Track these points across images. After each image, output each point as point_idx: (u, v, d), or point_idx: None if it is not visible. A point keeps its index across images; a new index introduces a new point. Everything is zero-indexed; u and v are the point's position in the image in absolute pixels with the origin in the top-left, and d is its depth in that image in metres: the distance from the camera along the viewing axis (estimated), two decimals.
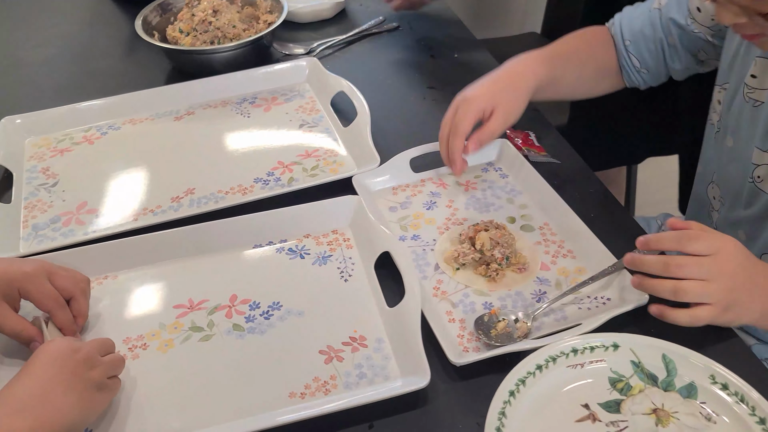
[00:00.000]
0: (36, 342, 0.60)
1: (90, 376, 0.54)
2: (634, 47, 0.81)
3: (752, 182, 0.70)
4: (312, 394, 0.59)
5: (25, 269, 0.62)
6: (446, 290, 0.68)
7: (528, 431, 0.55)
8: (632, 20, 0.82)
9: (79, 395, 0.53)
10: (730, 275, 0.58)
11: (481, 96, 0.75)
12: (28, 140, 0.90)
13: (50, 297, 0.61)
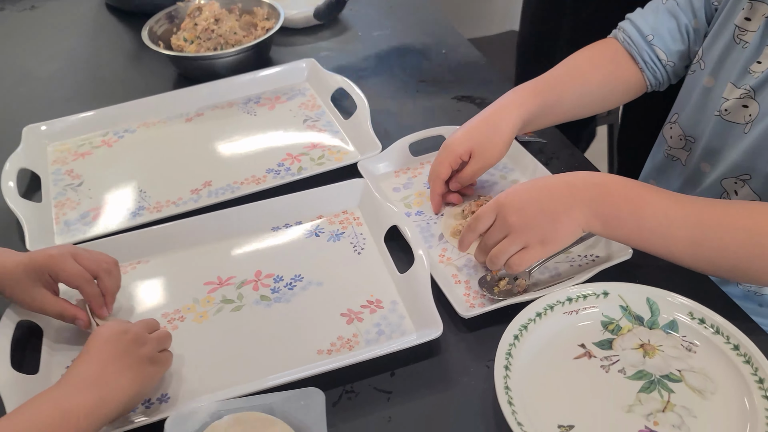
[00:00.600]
0: (80, 319, 0.66)
1: (141, 352, 0.60)
2: (658, 40, 0.83)
3: (718, 115, 0.77)
4: (337, 350, 0.66)
5: (51, 253, 0.67)
6: (451, 257, 0.76)
7: (532, 368, 0.62)
8: (646, 18, 0.84)
9: (134, 371, 0.59)
10: (519, 219, 0.66)
11: (459, 142, 0.80)
12: (50, 146, 0.97)
13: (77, 274, 0.66)
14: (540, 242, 0.67)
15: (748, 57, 0.74)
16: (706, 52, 0.80)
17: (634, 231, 0.65)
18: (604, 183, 0.67)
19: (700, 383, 0.61)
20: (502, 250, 0.68)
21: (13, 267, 0.65)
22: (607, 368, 0.63)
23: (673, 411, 0.59)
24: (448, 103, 1.03)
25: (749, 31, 0.74)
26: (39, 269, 0.65)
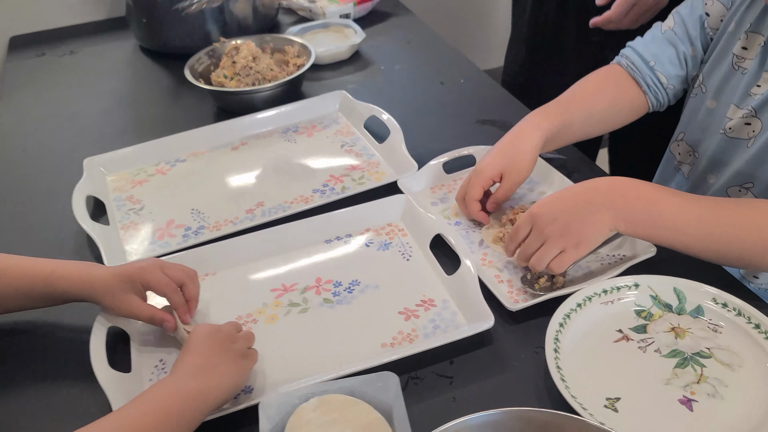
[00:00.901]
0: (167, 322, 0.73)
1: (234, 348, 0.67)
2: (659, 65, 0.92)
3: (723, 133, 0.86)
4: (399, 343, 0.73)
5: (142, 265, 0.74)
6: (492, 260, 0.84)
7: (577, 351, 0.70)
8: (647, 45, 0.93)
9: (231, 363, 0.66)
10: (554, 228, 0.74)
11: (490, 166, 0.88)
12: (108, 176, 1.04)
13: (165, 284, 0.74)
14: (575, 245, 0.75)
15: (749, 81, 0.83)
16: (706, 77, 0.90)
17: (652, 228, 0.73)
18: (624, 186, 0.75)
19: (728, 358, 0.68)
20: (542, 256, 0.75)
21: (107, 277, 0.72)
22: (644, 349, 0.70)
23: (707, 382, 0.66)
24: (472, 127, 1.12)
25: (747, 58, 0.84)
26: (131, 279, 0.72)
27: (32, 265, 0.74)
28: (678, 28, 0.93)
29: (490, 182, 0.87)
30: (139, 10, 1.39)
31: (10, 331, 0.80)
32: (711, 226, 0.71)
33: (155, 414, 0.58)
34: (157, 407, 0.59)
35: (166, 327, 0.73)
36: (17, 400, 0.72)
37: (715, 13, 0.89)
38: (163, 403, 0.59)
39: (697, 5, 0.92)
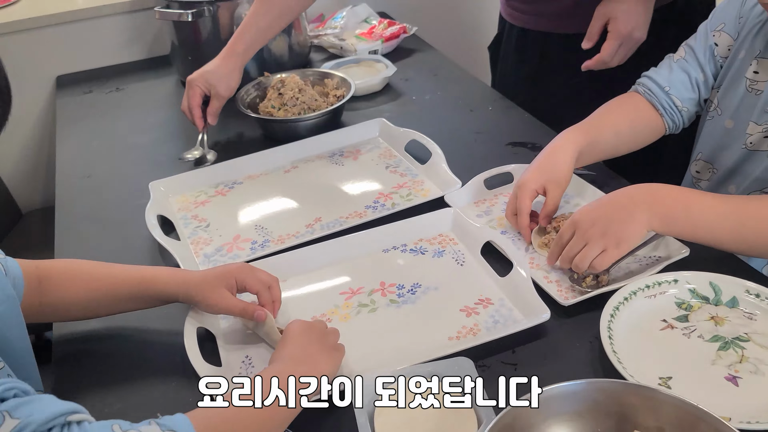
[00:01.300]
0: (260, 312, 0.79)
1: (328, 340, 0.75)
2: (674, 90, 1.02)
3: (744, 148, 0.95)
4: (464, 336, 0.81)
5: (236, 265, 0.83)
6: (539, 264, 0.92)
7: (628, 338, 0.77)
8: (661, 73, 1.03)
9: (327, 353, 0.73)
10: (596, 230, 0.82)
11: (530, 180, 0.96)
12: (172, 198, 1.12)
13: (258, 281, 0.81)
14: (616, 245, 0.83)
15: (765, 101, 0.92)
16: (721, 101, 1.00)
17: (687, 226, 0.82)
18: (658, 191, 0.84)
19: (765, 341, 0.76)
20: (585, 256, 0.84)
21: (202, 275, 0.81)
22: (688, 335, 0.78)
23: (748, 362, 0.74)
24: (504, 149, 1.21)
25: (760, 81, 0.94)
26: (227, 276, 0.80)
27: (128, 270, 0.81)
28: (689, 57, 1.03)
29: (535, 194, 0.95)
30: (184, 49, 1.49)
31: (100, 336, 0.87)
32: (741, 219, 0.80)
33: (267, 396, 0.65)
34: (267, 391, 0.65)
35: (258, 317, 0.79)
36: (118, 396, 0.78)
37: (723, 43, 1.00)
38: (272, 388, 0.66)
39: (706, 37, 1.02)
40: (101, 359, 0.84)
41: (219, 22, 1.42)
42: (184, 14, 1.38)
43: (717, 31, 1.00)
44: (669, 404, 0.61)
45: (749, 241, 0.81)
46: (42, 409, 0.51)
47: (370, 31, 1.64)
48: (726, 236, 0.81)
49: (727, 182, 1.00)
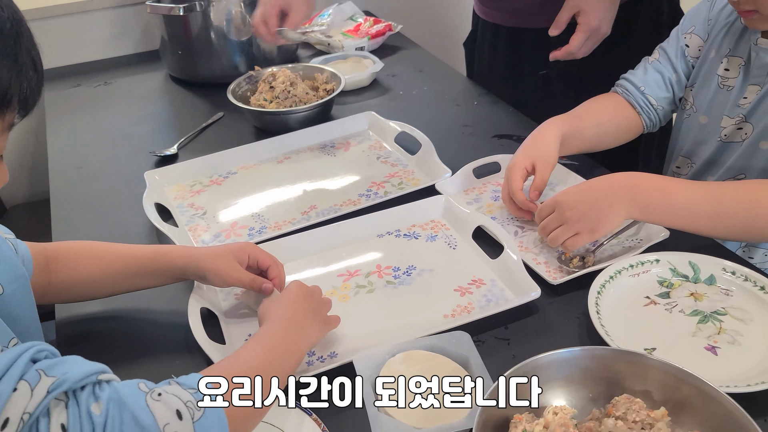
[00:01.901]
0: (267, 284, 0.82)
1: (322, 312, 0.78)
2: (649, 89, 1.07)
3: (719, 140, 1.01)
4: (459, 314, 0.84)
5: (247, 243, 0.86)
6: (528, 247, 0.96)
7: (614, 313, 0.81)
8: (637, 75, 1.09)
9: (318, 324, 0.76)
10: (573, 214, 0.87)
11: (519, 159, 1.00)
12: (167, 187, 1.14)
13: (269, 256, 0.85)
14: (589, 231, 0.88)
15: (736, 95, 0.98)
16: (695, 98, 1.05)
17: (666, 214, 0.87)
18: (639, 180, 0.88)
19: (741, 315, 0.81)
20: (558, 236, 0.89)
21: (218, 248, 0.84)
22: (669, 310, 0.82)
23: (726, 333, 0.78)
24: (490, 141, 1.25)
25: (730, 77, 0.99)
26: (242, 250, 0.83)
27: (137, 246, 0.84)
28: (662, 59, 1.09)
29: (525, 172, 0.99)
30: (174, 44, 1.51)
31: (103, 317, 0.88)
32: (718, 203, 0.84)
33: (269, 355, 0.68)
34: (269, 350, 0.68)
35: (265, 290, 0.82)
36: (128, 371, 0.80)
37: (693, 44, 1.06)
38: (274, 347, 0.69)
39: (677, 39, 1.08)
40: (104, 340, 0.86)
41: (209, 17, 1.44)
42: (175, 8, 1.40)
43: (688, 34, 1.06)
44: (655, 369, 0.66)
45: (727, 223, 0.85)
46: (75, 369, 0.53)
47: (357, 29, 1.67)
48: (704, 222, 0.85)
49: (705, 173, 1.05)
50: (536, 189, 0.99)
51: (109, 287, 0.82)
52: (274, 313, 0.74)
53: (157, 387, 0.57)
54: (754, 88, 0.95)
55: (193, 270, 0.82)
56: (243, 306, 0.87)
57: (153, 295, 0.87)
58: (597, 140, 1.09)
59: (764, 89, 0.93)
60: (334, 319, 0.80)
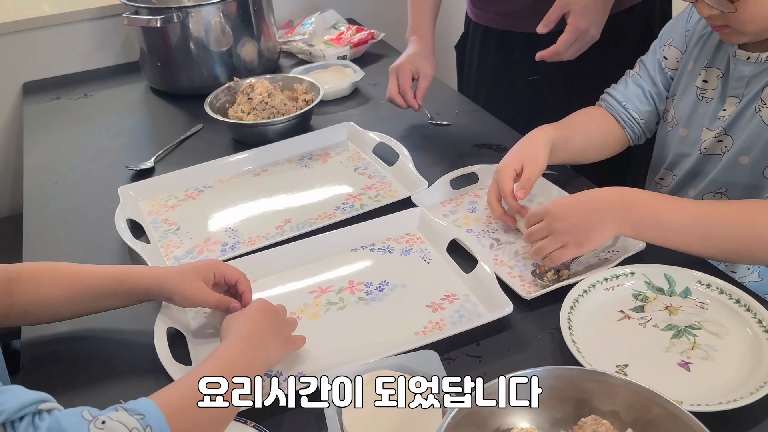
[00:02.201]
0: (235, 305, 0.81)
1: (285, 331, 0.77)
2: (630, 104, 1.07)
3: (700, 153, 0.99)
4: (430, 330, 0.83)
5: (212, 260, 0.86)
6: (503, 260, 0.94)
7: (587, 329, 0.80)
8: (618, 89, 1.08)
9: (280, 344, 0.75)
10: (562, 225, 0.86)
11: (509, 161, 0.99)
12: (141, 202, 1.13)
13: (236, 271, 0.83)
14: (576, 244, 0.86)
15: (715, 107, 0.96)
16: (676, 110, 1.04)
17: (658, 233, 0.85)
18: (632, 197, 0.86)
19: (716, 329, 0.79)
20: (544, 247, 0.87)
21: (179, 268, 0.82)
22: (643, 325, 0.81)
23: (700, 348, 0.77)
24: (471, 149, 1.24)
25: (709, 89, 0.98)
26: (207, 268, 0.81)
27: (101, 267, 0.82)
28: (642, 72, 1.08)
29: (514, 174, 0.98)
30: (153, 55, 1.50)
31: (70, 337, 0.87)
32: (710, 223, 0.83)
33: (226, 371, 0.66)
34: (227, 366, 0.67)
35: (233, 309, 0.81)
36: (87, 398, 0.79)
37: (671, 56, 1.05)
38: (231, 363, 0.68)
39: (654, 53, 1.07)
40: (72, 361, 0.85)
41: (188, 28, 1.43)
42: (152, 20, 1.38)
43: (666, 46, 1.04)
44: (623, 388, 0.64)
45: (719, 244, 0.83)
46: (13, 399, 0.52)
47: (339, 37, 1.66)
48: (696, 242, 0.83)
49: (686, 186, 1.04)
50: (522, 188, 0.97)
51: (71, 310, 0.81)
52: (234, 329, 0.73)
53: (102, 414, 0.56)
54: (733, 100, 0.93)
55: (158, 292, 0.80)
56: (211, 326, 0.86)
57: (122, 315, 0.85)
58: (584, 151, 1.09)
59: (743, 102, 0.92)
60: (299, 340, 0.79)
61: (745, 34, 0.86)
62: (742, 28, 0.84)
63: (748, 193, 0.92)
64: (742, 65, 0.91)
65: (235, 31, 1.49)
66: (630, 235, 0.86)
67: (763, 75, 0.89)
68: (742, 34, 0.86)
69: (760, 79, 0.89)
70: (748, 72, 0.91)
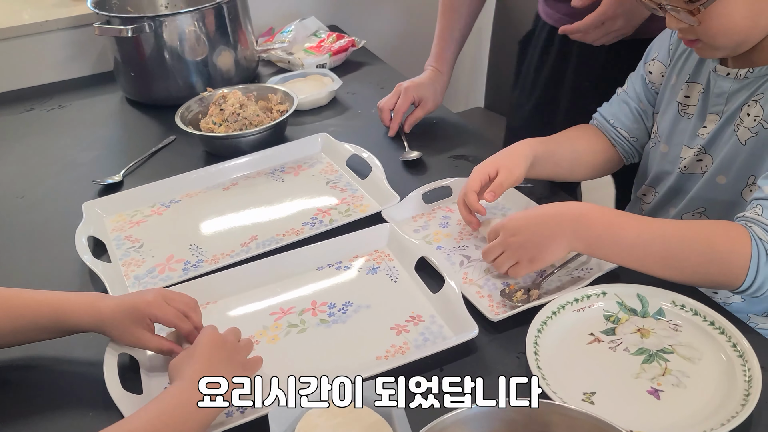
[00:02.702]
0: (176, 352, 0.77)
1: (237, 359, 0.73)
2: (618, 122, 1.04)
3: (679, 171, 0.96)
4: (392, 355, 0.80)
5: (148, 299, 0.79)
6: (472, 278, 0.91)
7: (555, 354, 0.77)
8: (607, 108, 1.06)
9: (233, 372, 0.71)
10: (514, 241, 0.84)
11: (486, 164, 0.97)
12: (106, 218, 1.10)
13: (173, 315, 0.78)
14: (529, 260, 0.84)
15: (695, 124, 0.93)
16: (659, 126, 1.01)
17: (613, 250, 0.81)
18: (587, 212, 0.83)
19: (689, 353, 0.76)
20: (499, 264, 0.86)
21: (115, 309, 0.77)
22: (614, 348, 0.78)
23: (671, 374, 0.74)
24: (446, 162, 1.21)
25: (690, 105, 0.95)
26: (139, 312, 0.77)
27: (38, 298, 0.78)
28: (629, 89, 1.06)
29: (486, 177, 0.95)
30: (127, 65, 1.47)
31: (22, 365, 0.84)
32: (668, 243, 0.78)
33: (162, 420, 0.63)
34: (164, 414, 0.63)
35: (176, 352, 0.77)
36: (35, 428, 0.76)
37: (656, 71, 1.02)
38: (171, 410, 0.64)
39: (640, 68, 1.05)
40: (19, 391, 0.81)
41: (162, 38, 1.40)
42: (123, 30, 1.35)
43: (651, 61, 1.01)
44: (584, 422, 0.61)
45: (676, 265, 0.79)
46: None
47: (319, 45, 1.63)
48: (653, 262, 0.80)
49: (667, 205, 1.01)
50: (492, 190, 0.94)
51: (12, 338, 0.78)
52: (183, 371, 0.69)
53: None
54: (713, 117, 0.90)
55: (96, 331, 0.78)
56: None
57: (75, 341, 0.82)
58: (572, 169, 1.06)
59: (722, 119, 0.88)
60: (255, 363, 0.76)
61: (718, 49, 0.83)
62: (713, 42, 0.81)
63: (727, 212, 0.88)
64: (722, 81, 0.88)
65: (211, 40, 1.45)
66: (584, 251, 0.83)
67: (743, 92, 0.86)
68: (715, 48, 0.83)
69: (739, 95, 0.86)
70: (728, 88, 0.87)
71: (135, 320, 0.77)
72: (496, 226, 0.87)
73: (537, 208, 0.88)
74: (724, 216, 0.88)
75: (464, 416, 0.60)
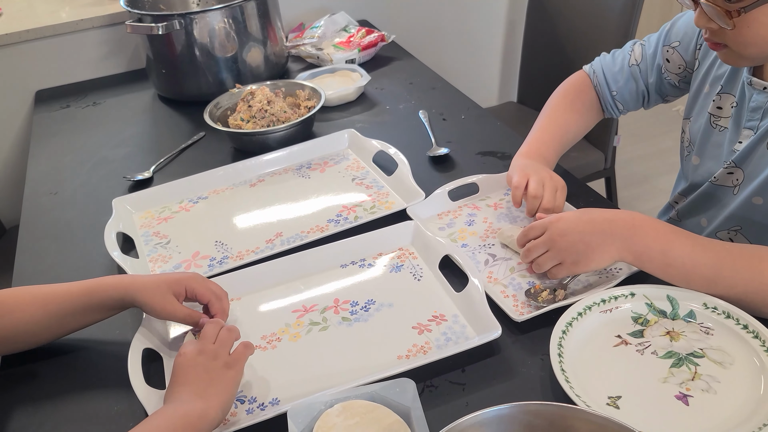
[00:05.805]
0: (204, 318, 0.79)
1: (216, 364, 0.71)
2: (620, 96, 1.03)
3: (710, 183, 0.93)
4: (414, 355, 0.79)
5: (190, 274, 0.82)
6: (497, 278, 0.90)
7: (579, 356, 0.75)
8: (615, 75, 1.04)
9: (219, 382, 0.69)
10: (561, 242, 0.81)
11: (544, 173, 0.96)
12: (135, 214, 1.12)
13: (210, 291, 0.80)
14: (573, 263, 0.81)
15: (731, 139, 0.90)
16: (691, 133, 0.98)
17: (661, 267, 0.79)
18: (642, 223, 0.81)
19: (720, 357, 0.73)
20: (541, 263, 0.83)
21: (155, 279, 0.79)
22: (641, 351, 0.75)
23: (701, 379, 0.71)
24: (473, 158, 1.19)
25: (722, 117, 0.91)
26: (178, 282, 0.79)
27: (70, 284, 0.80)
28: (643, 65, 1.03)
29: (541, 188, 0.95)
30: (158, 62, 1.48)
31: (52, 353, 0.86)
32: (717, 270, 0.77)
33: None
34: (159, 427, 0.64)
35: (201, 325, 0.78)
36: (63, 417, 0.77)
37: (674, 62, 0.99)
38: (166, 423, 0.64)
39: (657, 52, 1.01)
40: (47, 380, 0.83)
41: (192, 35, 1.41)
42: (155, 27, 1.37)
43: (671, 47, 0.98)
44: (605, 427, 0.59)
45: (721, 292, 0.77)
46: None
47: (348, 40, 1.63)
48: (699, 284, 0.78)
49: (698, 214, 0.99)
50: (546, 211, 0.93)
51: (49, 331, 0.80)
52: (170, 395, 0.69)
53: None
54: (748, 132, 0.87)
55: (130, 301, 0.79)
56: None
57: (100, 332, 0.84)
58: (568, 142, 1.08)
59: (757, 135, 0.85)
60: (239, 355, 0.73)
61: (745, 58, 0.79)
62: (741, 51, 0.77)
63: (764, 232, 0.86)
64: (758, 95, 0.84)
65: (240, 37, 1.46)
66: (632, 262, 0.80)
67: None
68: (742, 57, 0.79)
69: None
70: (764, 102, 0.83)
71: (170, 288, 0.79)
72: (539, 223, 0.85)
73: (587, 211, 0.85)
74: (760, 236, 0.86)
75: (483, 419, 0.59)
